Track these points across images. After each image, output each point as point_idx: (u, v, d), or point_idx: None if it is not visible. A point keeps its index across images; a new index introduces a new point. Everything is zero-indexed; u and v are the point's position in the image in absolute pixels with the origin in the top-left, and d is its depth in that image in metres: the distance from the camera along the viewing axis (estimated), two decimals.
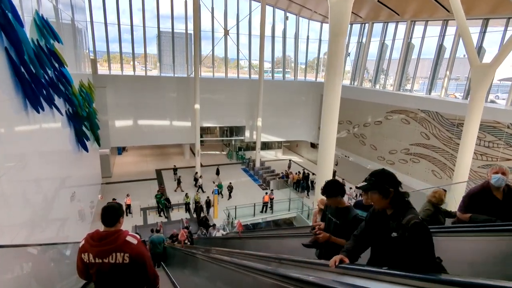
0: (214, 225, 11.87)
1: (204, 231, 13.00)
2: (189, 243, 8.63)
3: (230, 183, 21.46)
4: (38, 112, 6.53)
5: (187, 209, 19.15)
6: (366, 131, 22.78)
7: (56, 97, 8.50)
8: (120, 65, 24.36)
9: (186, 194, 19.14)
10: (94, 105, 15.82)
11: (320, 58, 29.64)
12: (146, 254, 2.79)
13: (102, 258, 2.65)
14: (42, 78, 7.09)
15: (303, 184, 23.26)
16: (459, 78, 20.96)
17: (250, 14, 26.09)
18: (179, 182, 22.56)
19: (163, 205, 18.54)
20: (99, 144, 16.03)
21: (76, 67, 12.75)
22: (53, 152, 8.67)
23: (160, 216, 18.57)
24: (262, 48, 24.42)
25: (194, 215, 18.68)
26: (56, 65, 8.69)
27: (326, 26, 27.72)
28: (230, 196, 20.87)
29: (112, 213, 2.76)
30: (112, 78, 23.48)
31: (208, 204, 18.80)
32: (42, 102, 6.96)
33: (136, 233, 14.15)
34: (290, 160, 29.60)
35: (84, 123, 11.99)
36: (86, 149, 11.83)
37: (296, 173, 24.22)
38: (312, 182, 23.45)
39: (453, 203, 11.64)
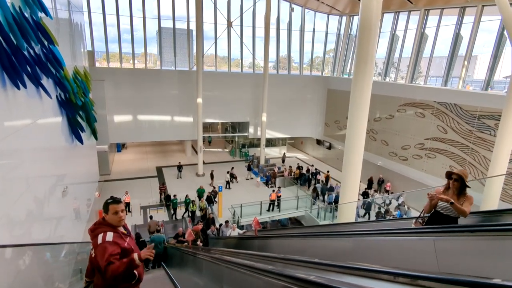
0: (227, 222, 10.64)
1: (215, 231, 11.96)
2: (201, 244, 7.59)
3: (214, 187, 19.50)
4: (18, 88, 5.53)
5: (192, 218, 17.26)
6: (377, 126, 21.76)
7: (44, 78, 7.51)
8: (119, 57, 23.32)
9: (193, 201, 17.43)
10: (91, 96, 14.81)
11: (326, 52, 28.66)
12: (103, 256, 2.58)
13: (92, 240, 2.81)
14: (26, 51, 6.11)
15: (305, 177, 22.79)
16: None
17: (254, 5, 25.10)
18: (212, 177, 21.80)
19: (187, 204, 17.36)
20: (96, 138, 15.00)
21: (71, 51, 11.76)
22: (41, 142, 7.68)
23: (186, 217, 17.51)
24: (267, 40, 23.45)
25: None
26: (45, 42, 7.69)
27: (332, 18, 26.73)
28: (215, 201, 18.59)
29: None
30: (111, 71, 22.54)
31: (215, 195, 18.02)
32: (25, 79, 5.97)
33: (137, 233, 13.23)
34: (284, 153, 28.63)
35: (78, 113, 10.99)
36: (81, 140, 10.82)
37: (296, 168, 23.83)
38: (314, 174, 23.09)
39: (490, 199, 10.69)
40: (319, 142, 28.87)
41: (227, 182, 21.74)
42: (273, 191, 18.93)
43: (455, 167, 16.76)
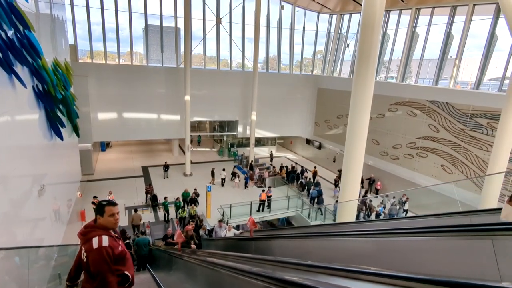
0: (220, 221, 9.98)
1: (206, 231, 11.37)
2: (195, 246, 7.03)
3: (195, 189, 17.95)
4: None
5: (182, 224, 15.71)
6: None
7: (19, 66, 6.87)
8: (104, 52, 22.42)
9: (182, 207, 16.43)
10: (72, 90, 14.05)
11: (316, 53, 28.42)
12: (100, 266, 2.56)
13: (81, 246, 2.73)
14: None
15: (292, 175, 22.68)
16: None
17: (243, 1, 24.62)
18: (212, 174, 21.45)
19: (178, 206, 16.40)
20: (78, 135, 14.22)
21: (51, 41, 11.03)
22: (16, 136, 7.02)
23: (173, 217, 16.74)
24: (257, 37, 23.02)
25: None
26: (20, 26, 7.04)
27: (322, 17, 26.52)
28: (197, 204, 17.21)
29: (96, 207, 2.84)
30: (95, 66, 21.70)
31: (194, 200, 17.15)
32: None
33: (122, 229, 12.68)
34: (272, 152, 28.21)
35: (58, 107, 10.28)
36: (60, 136, 10.11)
37: (280, 168, 23.76)
38: (301, 172, 23.08)
39: (488, 197, 10.52)
40: (308, 141, 28.58)
41: (222, 180, 21.30)
42: (263, 191, 18.48)
43: (447, 166, 16.68)
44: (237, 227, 12.74)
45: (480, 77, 16.45)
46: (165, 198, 16.88)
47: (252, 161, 24.68)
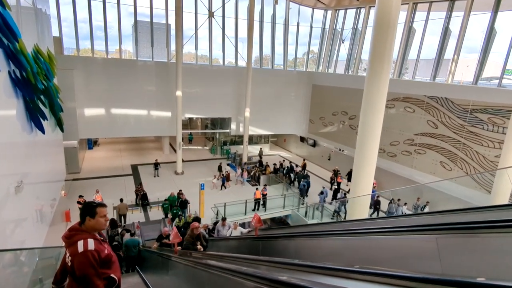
0: (224, 219, 9.24)
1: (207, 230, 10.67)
2: (202, 248, 6.30)
3: (180, 190, 16.77)
4: None
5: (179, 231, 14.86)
6: None
7: None
8: (91, 43, 21.42)
9: (179, 216, 14.92)
10: (56, 82, 13.19)
11: (310, 51, 27.97)
12: (86, 270, 2.50)
13: (66, 249, 2.69)
14: None
15: (283, 171, 22.39)
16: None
17: None
18: (220, 169, 20.95)
19: (174, 213, 15.20)
20: (62, 129, 13.38)
21: (32, 26, 10.21)
22: None
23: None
24: (251, 32, 22.42)
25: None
26: None
27: (317, 12, 26.07)
28: (186, 206, 16.30)
29: (81, 209, 2.76)
30: (81, 60, 20.79)
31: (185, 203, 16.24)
32: None
33: (112, 218, 12.32)
34: (261, 149, 27.53)
35: (39, 97, 9.47)
36: (42, 129, 9.32)
37: (266, 165, 23.09)
38: (292, 168, 22.78)
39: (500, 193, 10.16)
40: (303, 139, 28.10)
41: (224, 177, 20.69)
42: (257, 189, 17.87)
43: (446, 163, 16.34)
44: (243, 225, 12.04)
45: (479, 72, 16.17)
46: (165, 200, 16.15)
47: (261, 157, 24.74)
